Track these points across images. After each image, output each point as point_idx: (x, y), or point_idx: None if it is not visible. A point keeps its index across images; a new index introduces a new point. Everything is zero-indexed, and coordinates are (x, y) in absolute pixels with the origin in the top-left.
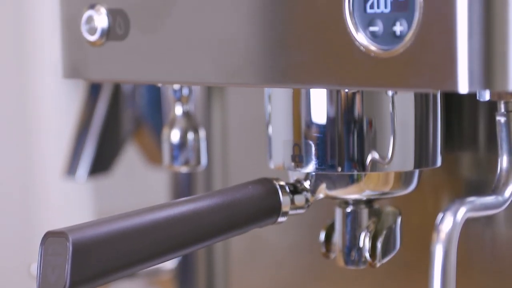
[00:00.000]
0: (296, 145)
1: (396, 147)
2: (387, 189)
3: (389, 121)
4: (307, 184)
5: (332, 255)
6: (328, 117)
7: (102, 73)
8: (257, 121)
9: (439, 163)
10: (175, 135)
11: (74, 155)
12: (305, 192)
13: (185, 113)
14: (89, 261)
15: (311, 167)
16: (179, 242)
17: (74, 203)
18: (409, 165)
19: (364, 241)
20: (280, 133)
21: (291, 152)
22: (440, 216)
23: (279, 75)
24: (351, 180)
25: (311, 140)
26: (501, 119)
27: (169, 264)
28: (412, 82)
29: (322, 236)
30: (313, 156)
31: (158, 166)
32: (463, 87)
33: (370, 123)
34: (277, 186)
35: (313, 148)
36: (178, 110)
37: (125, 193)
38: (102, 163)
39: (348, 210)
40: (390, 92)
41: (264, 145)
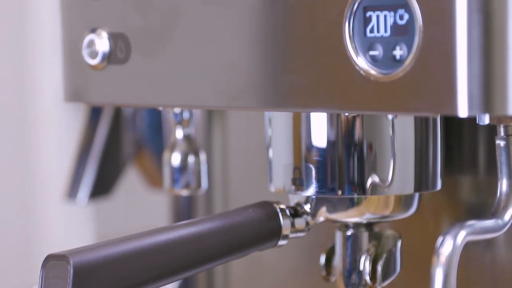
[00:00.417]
0: (297, 169)
1: (396, 171)
2: (387, 213)
3: (389, 145)
4: (308, 207)
5: (333, 278)
6: (329, 141)
7: (103, 97)
8: (258, 145)
9: (439, 187)
10: (176, 159)
11: (75, 178)
12: (306, 215)
13: (186, 137)
14: (90, 285)
15: (312, 191)
16: (180, 265)
17: (75, 226)
18: (409, 189)
19: (365, 264)
20: (281, 157)
21: (292, 176)
22: (440, 240)
23: (280, 99)
24: (352, 204)
25: (312, 164)
26: (501, 143)
27: (170, 287)
28: (412, 106)
29: (323, 259)
30: (314, 180)
31: (159, 189)
32: (463, 111)
33: (370, 147)
34: (278, 209)
35: (314, 172)
36: (179, 134)
37: (126, 216)
38: (103, 186)
39: (349, 233)
40: (390, 116)
41: (265, 169)
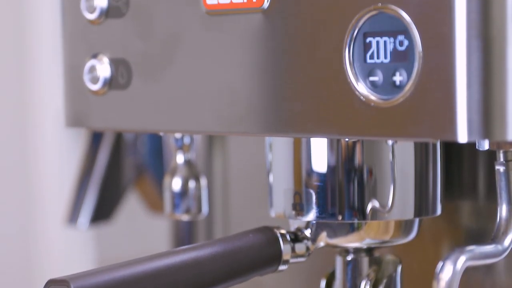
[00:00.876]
0: (297, 194)
1: (396, 196)
2: (388, 238)
3: (389, 170)
4: (308, 233)
5: None
6: (329, 166)
7: (104, 122)
8: (258, 170)
9: (439, 212)
10: (177, 183)
11: (76, 203)
12: (306, 241)
13: (187, 162)
14: None
15: (312, 216)
16: None
17: (76, 251)
18: (409, 214)
19: None
20: (281, 182)
21: (292, 201)
22: (440, 265)
23: (280, 125)
24: (352, 229)
25: (312, 189)
26: (500, 168)
27: None
28: (412, 132)
29: (323, 284)
30: (314, 205)
31: (160, 214)
32: (462, 137)
33: (370, 172)
34: (278, 235)
35: (314, 197)
36: (180, 159)
37: (127, 241)
38: (104, 211)
39: (349, 259)
40: (390, 141)
41: (265, 194)
